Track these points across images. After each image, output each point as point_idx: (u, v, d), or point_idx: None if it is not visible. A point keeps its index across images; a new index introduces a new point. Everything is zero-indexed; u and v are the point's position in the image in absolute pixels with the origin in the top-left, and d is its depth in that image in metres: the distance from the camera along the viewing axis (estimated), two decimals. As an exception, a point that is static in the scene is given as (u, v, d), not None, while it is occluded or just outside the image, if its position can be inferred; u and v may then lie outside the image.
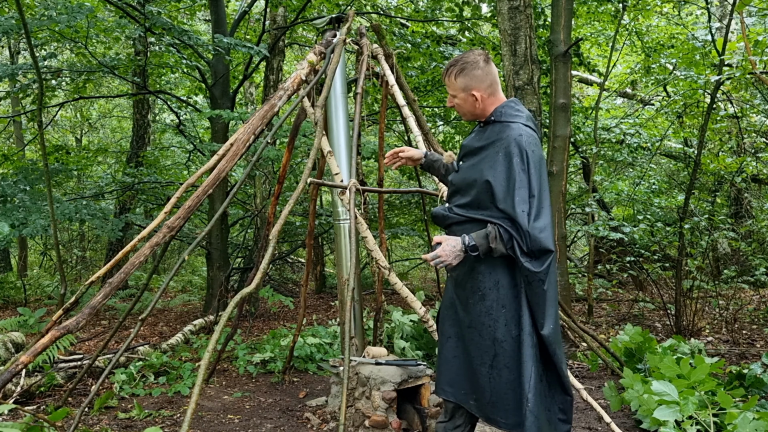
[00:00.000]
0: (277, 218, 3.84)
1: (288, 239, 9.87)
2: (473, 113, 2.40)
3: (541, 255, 2.16)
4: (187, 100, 8.86)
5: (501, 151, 2.25)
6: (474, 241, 2.21)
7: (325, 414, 3.92)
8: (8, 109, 11.83)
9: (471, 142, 2.42)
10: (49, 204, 5.21)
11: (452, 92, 2.40)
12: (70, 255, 12.20)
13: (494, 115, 2.35)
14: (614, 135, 8.79)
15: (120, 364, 4.89)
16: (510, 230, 2.17)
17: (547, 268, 2.17)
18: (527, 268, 2.16)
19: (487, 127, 2.38)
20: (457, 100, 2.39)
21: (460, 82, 2.35)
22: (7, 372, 2.86)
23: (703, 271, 6.23)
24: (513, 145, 2.23)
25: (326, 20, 4.18)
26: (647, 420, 3.47)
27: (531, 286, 2.18)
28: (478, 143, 2.38)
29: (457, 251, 2.22)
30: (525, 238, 2.15)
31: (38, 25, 5.75)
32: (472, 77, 2.34)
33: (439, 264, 2.24)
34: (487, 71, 2.36)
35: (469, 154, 2.40)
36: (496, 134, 2.31)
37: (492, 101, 2.37)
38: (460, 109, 2.41)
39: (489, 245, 2.19)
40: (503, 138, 2.27)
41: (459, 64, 2.36)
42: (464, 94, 2.36)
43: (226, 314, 2.63)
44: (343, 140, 3.94)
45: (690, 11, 11.43)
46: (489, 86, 2.36)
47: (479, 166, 2.30)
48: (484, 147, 2.33)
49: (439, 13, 8.45)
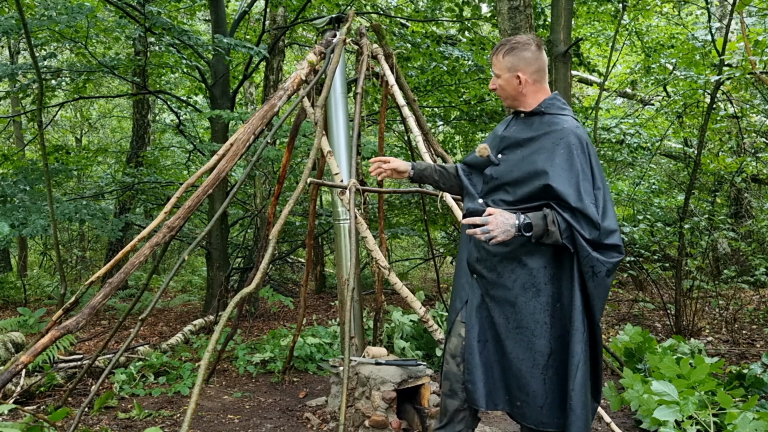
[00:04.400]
0: (277, 218, 3.84)
1: (288, 239, 9.87)
2: (514, 98, 2.29)
3: (609, 249, 2.07)
4: (187, 100, 8.86)
5: (559, 143, 2.14)
6: (530, 220, 2.06)
7: (325, 414, 3.92)
8: (8, 109, 11.83)
9: (515, 134, 2.28)
10: (49, 204, 5.21)
11: (498, 71, 2.29)
12: (70, 255, 12.20)
13: (543, 106, 2.25)
14: (614, 135, 8.79)
15: (120, 364, 4.89)
16: (570, 220, 2.05)
17: (616, 262, 2.08)
18: (596, 258, 2.05)
19: (533, 118, 2.27)
20: (501, 81, 2.28)
21: (507, 61, 2.25)
22: (7, 372, 2.86)
23: (703, 271, 6.23)
24: (573, 137, 2.14)
25: (326, 20, 4.18)
26: (647, 420, 3.47)
27: (596, 277, 2.07)
28: (524, 134, 2.25)
29: (508, 226, 2.04)
30: (592, 230, 2.05)
31: (38, 25, 5.75)
32: (521, 58, 2.24)
33: (487, 236, 2.04)
34: (537, 56, 2.26)
35: (513, 146, 2.26)
36: (548, 126, 2.21)
37: (536, 89, 2.27)
38: (503, 91, 2.30)
39: (546, 227, 2.05)
40: (559, 129, 2.17)
41: (510, 43, 2.26)
42: (509, 74, 2.25)
43: (226, 314, 2.63)
44: (343, 140, 3.94)
45: (690, 11, 11.43)
46: (535, 71, 2.25)
47: (532, 158, 2.17)
48: (534, 138, 2.21)
49: (439, 13, 8.44)
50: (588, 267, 2.06)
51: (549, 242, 2.07)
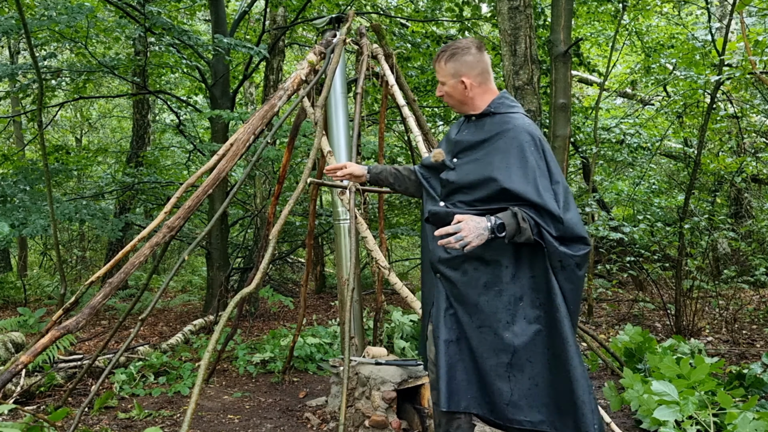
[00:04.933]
0: (277, 218, 3.84)
1: (288, 239, 9.87)
2: (462, 103, 2.28)
3: (574, 242, 2.07)
4: (187, 100, 8.87)
5: (511, 142, 2.13)
6: (502, 220, 2.03)
7: (325, 414, 3.92)
8: (8, 109, 11.83)
9: (466, 137, 2.27)
10: (49, 204, 5.21)
11: (442, 79, 2.28)
12: (70, 255, 12.20)
13: (492, 107, 2.25)
14: (614, 135, 8.79)
15: (120, 364, 4.89)
16: (535, 217, 2.04)
17: (584, 255, 2.08)
18: (563, 252, 2.05)
19: (484, 119, 2.26)
20: (447, 87, 2.27)
21: (449, 68, 2.24)
22: (7, 372, 2.86)
23: (703, 271, 6.23)
24: (525, 135, 2.13)
25: (326, 20, 4.18)
26: (647, 420, 3.47)
27: (565, 270, 2.07)
28: (476, 137, 2.24)
29: (481, 230, 2.00)
30: (556, 224, 2.04)
31: (38, 25, 5.75)
32: (463, 63, 2.23)
33: (461, 243, 1.99)
34: (479, 58, 2.25)
35: (466, 150, 2.26)
36: (499, 126, 2.20)
37: (483, 91, 2.26)
38: (450, 98, 2.30)
39: (518, 225, 2.02)
40: (510, 128, 2.16)
41: (450, 49, 2.25)
42: (454, 80, 2.24)
43: (226, 314, 2.63)
44: (343, 140, 3.94)
45: (690, 11, 11.43)
46: (480, 74, 2.25)
47: (486, 160, 2.16)
48: (487, 140, 2.20)
49: (439, 13, 8.44)
50: (556, 261, 2.07)
51: (521, 240, 2.04)
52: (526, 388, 2.13)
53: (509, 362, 2.13)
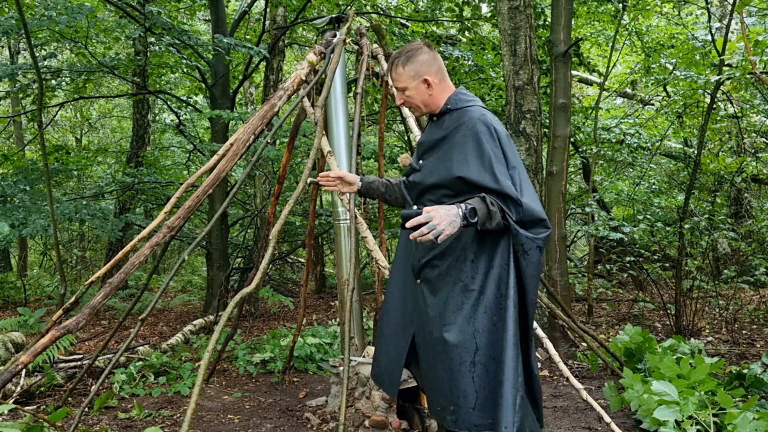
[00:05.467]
0: (277, 218, 3.84)
1: (288, 239, 9.87)
2: (426, 103, 2.28)
3: (534, 225, 2.07)
4: (187, 100, 8.87)
5: (467, 134, 2.15)
6: (473, 204, 2.00)
7: (325, 414, 3.92)
8: (8, 109, 11.83)
9: (428, 138, 2.30)
10: (49, 204, 5.21)
11: (402, 85, 2.26)
12: (70, 255, 12.21)
13: (449, 104, 2.26)
14: (614, 135, 8.78)
15: (120, 364, 4.89)
16: (499, 203, 2.04)
17: (545, 237, 2.08)
18: (524, 236, 2.04)
19: (443, 117, 2.27)
20: (409, 92, 2.26)
21: (409, 70, 2.23)
22: (7, 372, 2.85)
23: (703, 271, 6.23)
24: (479, 124, 2.15)
25: (326, 20, 4.18)
26: (647, 420, 3.47)
27: (528, 255, 2.06)
28: (436, 135, 2.26)
29: (452, 216, 1.96)
30: (516, 208, 2.04)
31: (38, 25, 5.75)
32: (421, 62, 2.23)
33: (435, 233, 1.92)
34: (433, 56, 2.26)
35: (429, 150, 2.28)
36: (456, 121, 2.22)
37: (443, 88, 2.27)
38: (412, 101, 2.28)
39: (488, 209, 2.00)
40: (465, 121, 2.18)
41: (404, 54, 2.25)
42: (416, 82, 2.23)
43: (226, 314, 2.63)
44: (343, 140, 3.94)
45: (690, 11, 11.43)
46: (438, 71, 2.26)
47: (446, 156, 2.18)
48: (445, 137, 2.22)
49: (439, 13, 8.44)
50: (518, 246, 2.06)
51: (492, 226, 2.02)
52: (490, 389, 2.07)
53: (472, 360, 2.09)
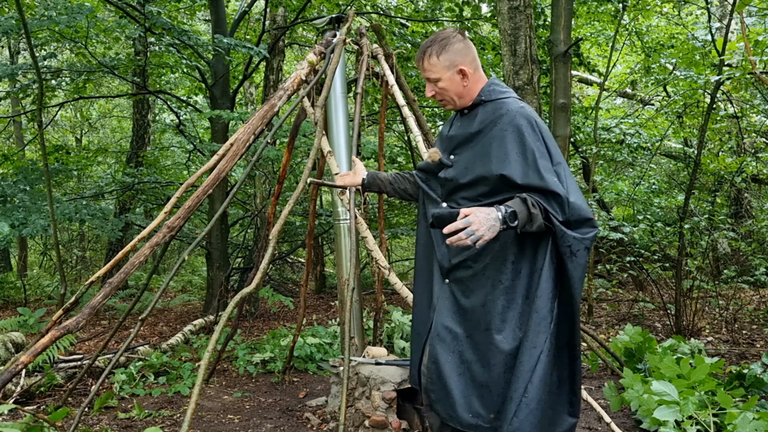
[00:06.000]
0: (277, 218, 3.84)
1: (288, 239, 9.87)
2: (460, 95, 2.15)
3: (581, 224, 1.95)
4: (187, 100, 8.87)
5: (507, 128, 2.02)
6: (512, 208, 1.87)
7: (325, 414, 3.92)
8: (8, 109, 11.83)
9: (460, 131, 2.16)
10: (49, 204, 5.21)
11: (435, 76, 2.12)
12: (70, 255, 12.21)
13: (483, 95, 2.13)
14: (614, 135, 8.79)
15: (120, 364, 4.89)
16: (542, 202, 1.90)
17: (593, 237, 1.96)
18: (572, 236, 1.91)
19: (476, 109, 2.15)
20: (442, 83, 2.12)
21: (444, 60, 2.10)
22: (7, 372, 2.85)
23: (703, 271, 6.23)
24: (519, 117, 2.02)
25: (326, 20, 4.18)
26: (647, 420, 3.47)
27: (575, 257, 1.93)
28: (470, 129, 2.13)
29: (492, 221, 1.83)
30: (563, 206, 1.92)
31: (38, 25, 5.75)
32: (456, 51, 2.10)
33: (474, 238, 1.81)
34: (468, 45, 2.13)
35: (462, 144, 2.14)
36: (492, 113, 2.08)
37: (477, 78, 2.15)
38: (446, 94, 2.15)
39: (529, 212, 1.88)
40: (504, 114, 2.05)
41: (438, 42, 2.11)
42: (450, 72, 2.11)
43: (226, 314, 2.63)
44: (343, 140, 3.94)
45: (690, 11, 11.43)
46: (473, 60, 2.13)
47: (484, 151, 2.05)
48: (481, 131, 2.09)
49: (439, 13, 8.45)
50: (566, 247, 1.93)
51: (533, 229, 1.90)
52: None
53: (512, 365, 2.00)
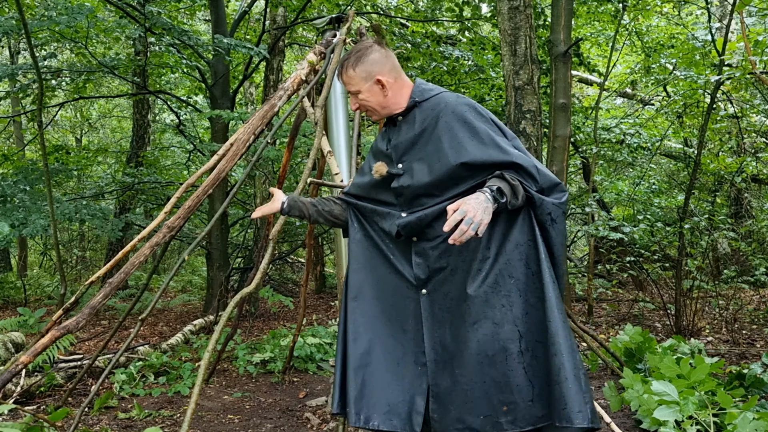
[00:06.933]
0: (277, 218, 3.84)
1: (288, 239, 9.87)
2: (383, 105, 2.09)
3: (553, 190, 1.95)
4: (187, 100, 8.88)
5: (450, 119, 1.98)
6: (496, 185, 1.81)
7: (325, 414, 3.92)
8: (8, 109, 11.84)
9: (402, 137, 2.09)
10: (49, 204, 5.21)
11: (355, 89, 2.08)
12: (70, 255, 12.21)
13: (416, 96, 2.08)
14: (614, 135, 8.79)
15: (120, 364, 4.89)
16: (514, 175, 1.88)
17: (567, 200, 1.96)
18: (551, 203, 1.90)
19: (413, 112, 2.09)
20: (363, 95, 2.08)
21: (360, 72, 2.05)
22: (7, 372, 2.85)
23: (703, 271, 6.23)
24: (460, 106, 2.00)
25: (326, 20, 4.18)
26: (647, 420, 3.47)
27: (556, 223, 1.92)
28: (411, 132, 2.06)
29: (483, 203, 1.76)
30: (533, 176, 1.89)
31: (38, 25, 5.76)
32: (372, 62, 2.05)
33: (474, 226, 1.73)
34: (386, 54, 2.09)
35: (409, 149, 2.07)
36: (431, 110, 2.04)
37: (399, 86, 2.09)
38: (368, 104, 2.10)
39: (510, 184, 1.84)
40: (443, 107, 2.01)
41: (354, 54, 2.08)
42: (369, 84, 2.06)
43: (226, 314, 2.63)
44: (343, 140, 3.94)
45: (690, 11, 11.43)
46: (391, 69, 2.08)
47: (433, 149, 1.99)
48: (425, 129, 2.03)
49: (439, 13, 8.45)
50: (545, 216, 1.91)
51: (518, 202, 1.86)
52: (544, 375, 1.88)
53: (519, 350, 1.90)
